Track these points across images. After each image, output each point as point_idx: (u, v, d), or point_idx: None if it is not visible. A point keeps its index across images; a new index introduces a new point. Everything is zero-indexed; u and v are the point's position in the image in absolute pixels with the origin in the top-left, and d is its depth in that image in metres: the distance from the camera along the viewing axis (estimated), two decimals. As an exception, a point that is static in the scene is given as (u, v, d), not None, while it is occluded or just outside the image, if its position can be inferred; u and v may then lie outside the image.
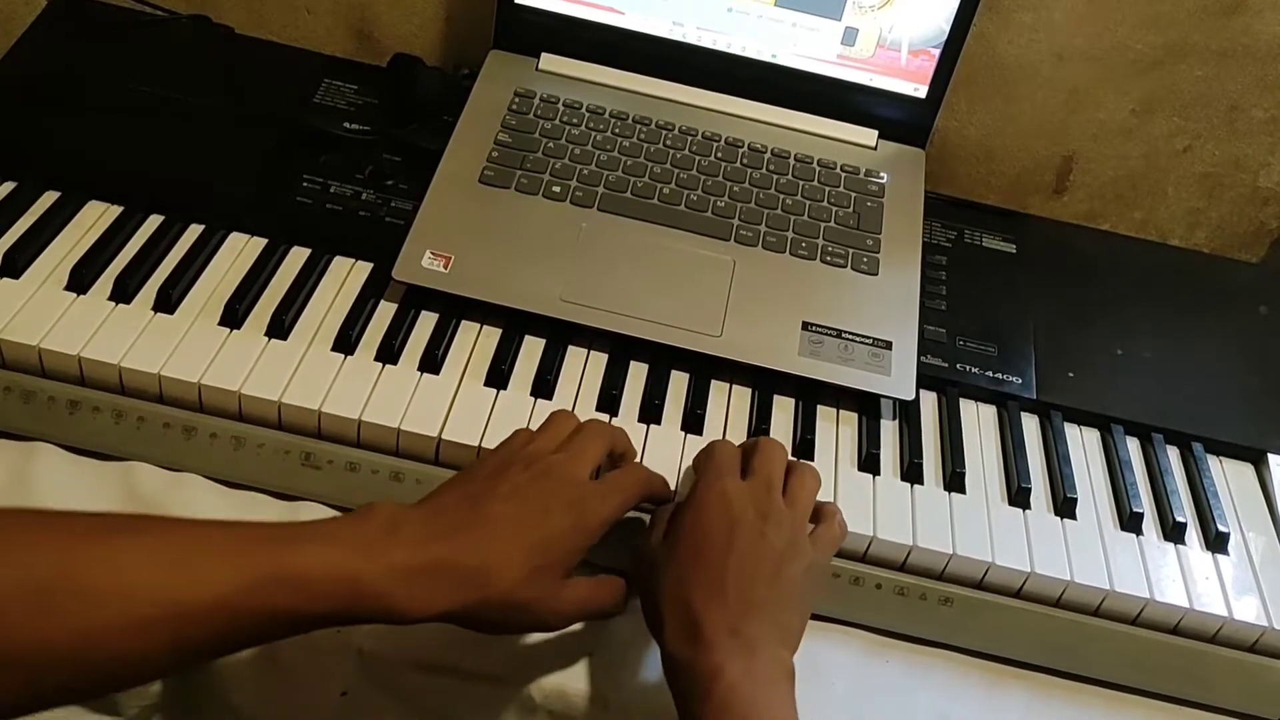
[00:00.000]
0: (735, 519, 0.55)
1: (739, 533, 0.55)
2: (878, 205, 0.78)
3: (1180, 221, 0.93)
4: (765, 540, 0.55)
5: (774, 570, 0.54)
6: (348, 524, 0.50)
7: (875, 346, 0.70)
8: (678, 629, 0.53)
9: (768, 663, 0.51)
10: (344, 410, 0.63)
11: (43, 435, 0.64)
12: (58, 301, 0.66)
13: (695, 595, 0.53)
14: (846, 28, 0.79)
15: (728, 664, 0.50)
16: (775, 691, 0.51)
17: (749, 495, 0.57)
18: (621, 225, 0.74)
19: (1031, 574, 0.63)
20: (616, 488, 0.57)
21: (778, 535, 0.55)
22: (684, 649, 0.52)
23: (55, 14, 0.84)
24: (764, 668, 0.51)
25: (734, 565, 0.54)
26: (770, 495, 0.57)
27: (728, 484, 0.57)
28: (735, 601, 0.52)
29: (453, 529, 0.51)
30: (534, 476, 0.54)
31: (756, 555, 0.54)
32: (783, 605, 0.54)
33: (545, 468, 0.55)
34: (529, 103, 0.80)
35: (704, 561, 0.54)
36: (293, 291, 0.69)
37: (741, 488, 0.57)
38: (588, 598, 0.56)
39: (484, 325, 0.70)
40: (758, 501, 0.56)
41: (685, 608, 0.53)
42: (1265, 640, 0.63)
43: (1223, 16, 0.81)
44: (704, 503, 0.56)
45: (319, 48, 0.89)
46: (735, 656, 0.50)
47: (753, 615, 0.52)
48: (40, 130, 0.75)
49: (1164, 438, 0.72)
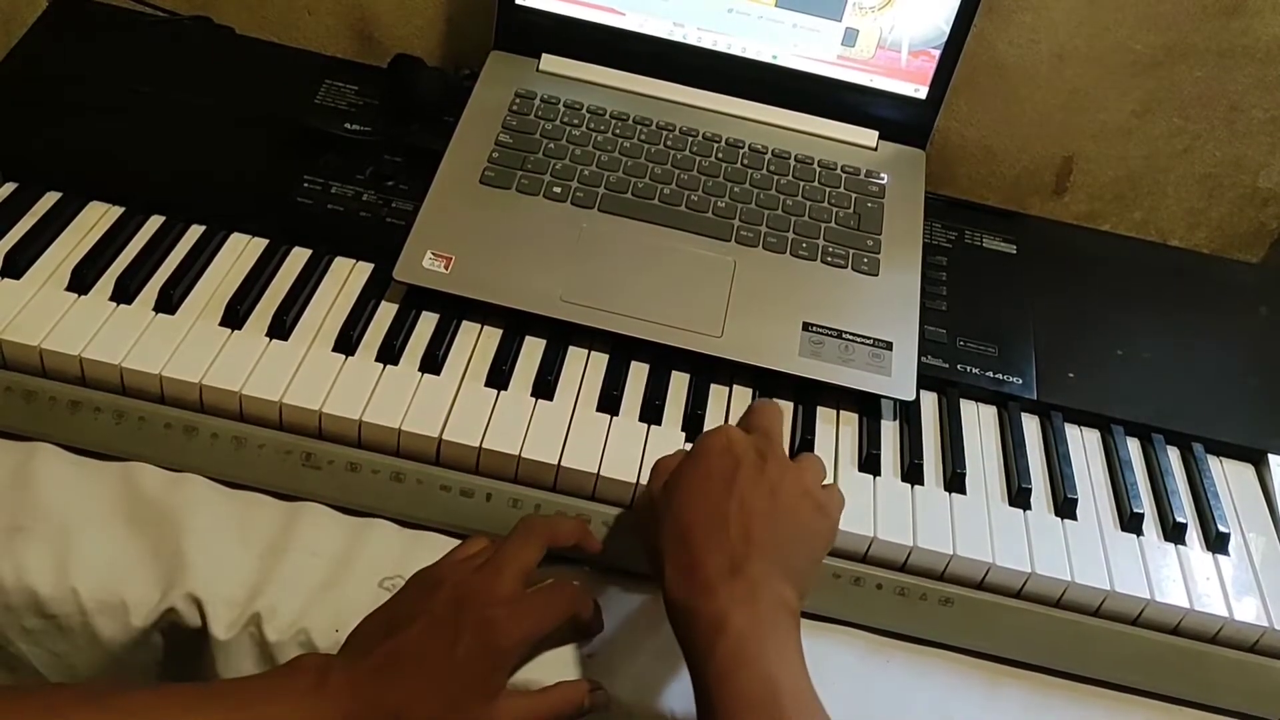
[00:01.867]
0: (738, 459, 0.55)
1: (741, 472, 0.54)
2: (878, 206, 0.78)
3: (1180, 222, 0.93)
4: (766, 478, 0.54)
5: (775, 508, 0.53)
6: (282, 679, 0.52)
7: (876, 347, 0.70)
8: (677, 571, 0.52)
9: (771, 605, 0.50)
10: (345, 411, 0.63)
11: (44, 435, 0.64)
12: (59, 302, 0.66)
13: (695, 535, 0.52)
14: (847, 28, 0.79)
15: (732, 611, 0.49)
16: (782, 639, 0.50)
17: (750, 441, 0.56)
18: (622, 226, 0.74)
19: (1032, 574, 0.63)
20: (534, 609, 0.55)
21: (780, 475, 0.54)
22: (685, 593, 0.51)
23: (57, 15, 0.84)
24: (768, 611, 0.50)
25: (735, 503, 0.53)
26: (771, 443, 0.56)
27: (730, 430, 0.57)
28: (737, 539, 0.52)
29: (373, 670, 0.52)
30: (449, 600, 0.54)
31: (758, 494, 0.53)
32: (786, 543, 0.53)
33: (463, 592, 0.54)
34: (530, 103, 0.80)
35: (705, 502, 0.53)
36: (294, 292, 0.69)
37: (743, 435, 0.57)
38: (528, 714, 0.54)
39: (485, 326, 0.70)
40: (759, 446, 0.56)
41: (685, 549, 0.52)
42: (1266, 640, 0.63)
43: (1223, 17, 0.81)
44: (706, 446, 0.56)
45: (320, 48, 0.89)
46: (738, 601, 0.50)
47: (754, 553, 0.51)
48: (42, 131, 0.75)
49: (1164, 438, 0.72)
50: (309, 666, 0.52)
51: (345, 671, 0.52)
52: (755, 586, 0.50)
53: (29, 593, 0.59)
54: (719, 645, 0.49)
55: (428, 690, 0.51)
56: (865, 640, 0.64)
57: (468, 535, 0.63)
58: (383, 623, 0.55)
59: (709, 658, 0.49)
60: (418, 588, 0.56)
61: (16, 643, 0.60)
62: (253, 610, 0.59)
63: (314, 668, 0.52)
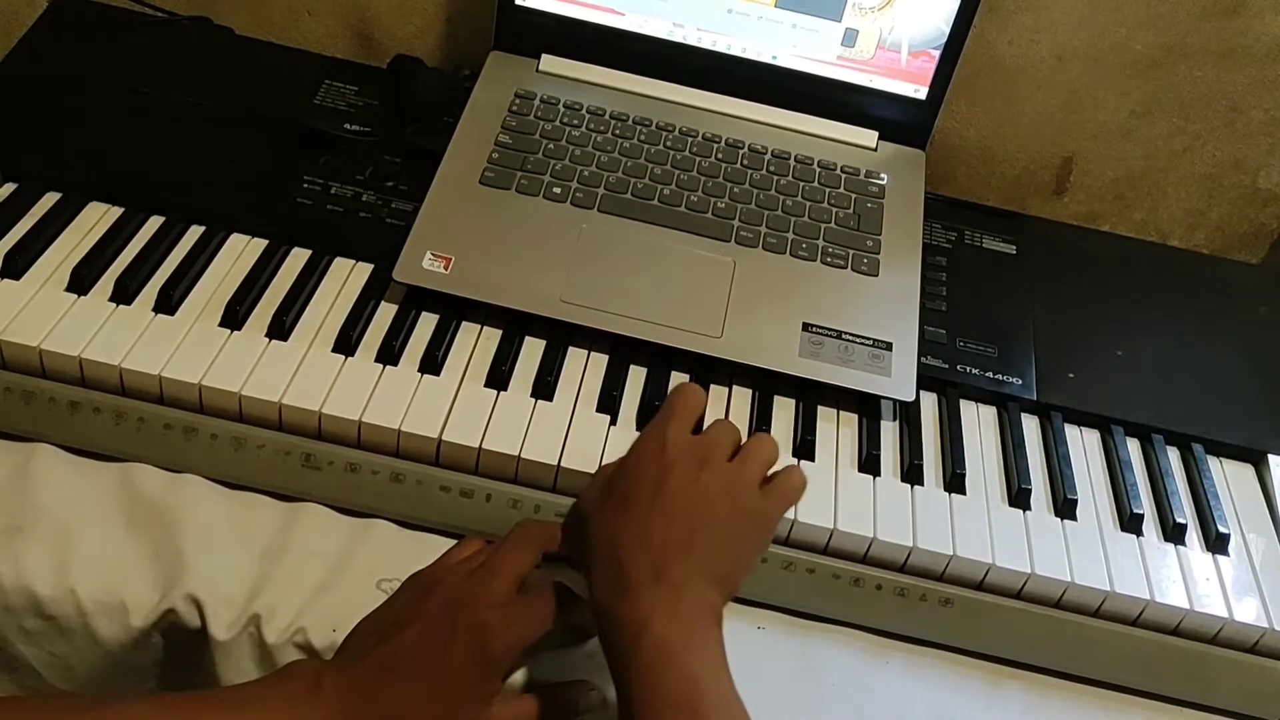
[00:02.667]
0: (669, 465, 0.54)
1: (671, 477, 0.53)
2: (878, 206, 0.78)
3: (1180, 222, 0.93)
4: (698, 485, 0.53)
5: (705, 514, 0.53)
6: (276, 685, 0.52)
7: (875, 347, 0.70)
8: (603, 577, 0.52)
9: (693, 606, 0.50)
10: (344, 411, 0.63)
11: (43, 436, 0.64)
12: (59, 302, 0.66)
13: (621, 541, 0.52)
14: (846, 29, 0.79)
15: (653, 615, 0.49)
16: (703, 640, 0.50)
17: (688, 445, 0.55)
18: (622, 226, 0.74)
19: (1032, 575, 0.63)
20: (528, 613, 0.54)
21: (713, 480, 0.54)
22: (609, 598, 0.51)
23: (56, 15, 0.84)
24: (690, 612, 0.50)
25: (660, 508, 0.52)
26: (712, 450, 0.55)
27: (669, 430, 0.55)
28: (660, 544, 0.51)
29: (367, 676, 0.52)
30: (443, 604, 0.54)
31: (686, 499, 0.53)
32: (713, 548, 0.52)
33: (457, 596, 0.54)
34: (529, 104, 0.80)
35: (632, 507, 0.53)
36: (293, 292, 0.69)
37: (682, 437, 0.55)
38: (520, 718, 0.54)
39: (484, 326, 0.70)
40: (696, 451, 0.55)
41: (611, 554, 0.52)
42: (1265, 641, 0.63)
43: (1222, 17, 0.81)
44: (639, 448, 0.55)
45: (320, 49, 0.89)
46: (660, 605, 0.49)
47: (677, 557, 0.51)
48: (41, 131, 0.75)
49: (1164, 438, 0.72)
50: (303, 672, 0.52)
51: (339, 677, 0.52)
52: (678, 590, 0.50)
53: (28, 593, 0.59)
54: (641, 647, 0.48)
55: (421, 695, 0.51)
56: (865, 641, 0.64)
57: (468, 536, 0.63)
58: (377, 627, 0.55)
59: (631, 660, 0.49)
60: (412, 591, 0.56)
61: (16, 644, 0.60)
62: (252, 611, 0.59)
63: (308, 673, 0.52)
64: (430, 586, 0.55)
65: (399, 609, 0.55)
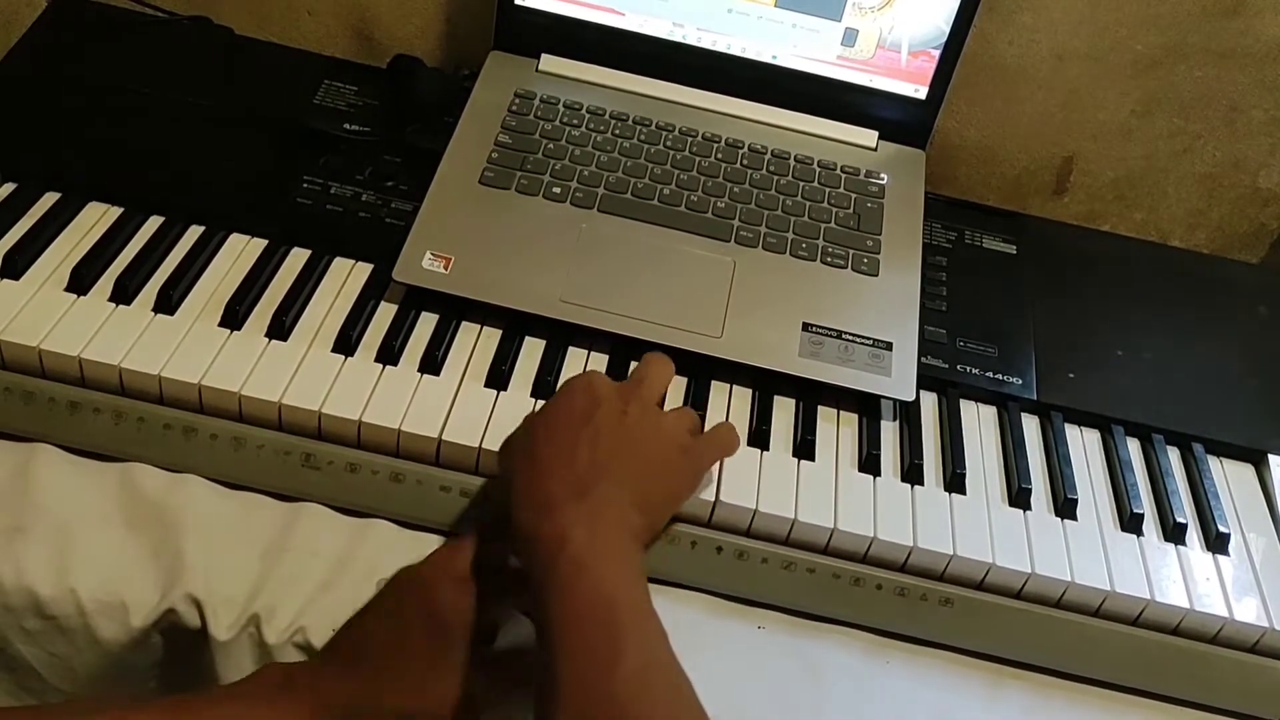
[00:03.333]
0: (598, 398, 0.54)
1: (599, 411, 0.54)
2: (878, 206, 0.78)
3: (1180, 222, 0.93)
4: (626, 416, 0.54)
5: (630, 441, 0.53)
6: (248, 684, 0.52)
7: (875, 347, 0.70)
8: (525, 500, 0.52)
9: (614, 524, 0.50)
10: (344, 411, 0.63)
11: (43, 436, 0.64)
12: (58, 302, 0.66)
13: (544, 463, 0.52)
14: (846, 29, 0.79)
15: (572, 530, 0.49)
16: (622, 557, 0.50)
17: (614, 386, 0.56)
18: (622, 226, 0.74)
19: (1032, 575, 0.63)
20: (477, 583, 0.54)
21: (641, 415, 0.54)
22: (529, 513, 0.51)
23: (56, 15, 0.84)
24: (610, 529, 0.50)
25: (587, 435, 0.53)
26: (639, 388, 0.56)
27: (594, 374, 0.57)
28: (585, 465, 0.51)
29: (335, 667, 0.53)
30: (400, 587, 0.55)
31: (613, 429, 0.53)
32: (638, 473, 0.53)
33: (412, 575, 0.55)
34: (529, 104, 0.80)
35: (559, 435, 0.53)
36: (293, 292, 0.69)
37: (609, 382, 0.56)
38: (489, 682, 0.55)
39: (484, 326, 0.70)
40: (623, 390, 0.55)
41: (533, 475, 0.52)
42: (1266, 641, 0.63)
43: (1223, 17, 0.81)
44: (568, 386, 0.56)
45: (319, 49, 0.89)
46: (579, 521, 0.49)
47: (601, 476, 0.51)
48: (41, 131, 0.75)
49: (1164, 438, 0.72)
50: (275, 671, 0.53)
51: (310, 672, 0.53)
52: (599, 507, 0.50)
53: (28, 593, 0.59)
54: (559, 560, 0.48)
55: (386, 678, 0.52)
56: (865, 641, 0.64)
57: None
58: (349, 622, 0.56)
59: (548, 575, 0.48)
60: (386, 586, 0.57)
61: (16, 644, 0.60)
62: (252, 611, 0.59)
63: (280, 672, 0.53)
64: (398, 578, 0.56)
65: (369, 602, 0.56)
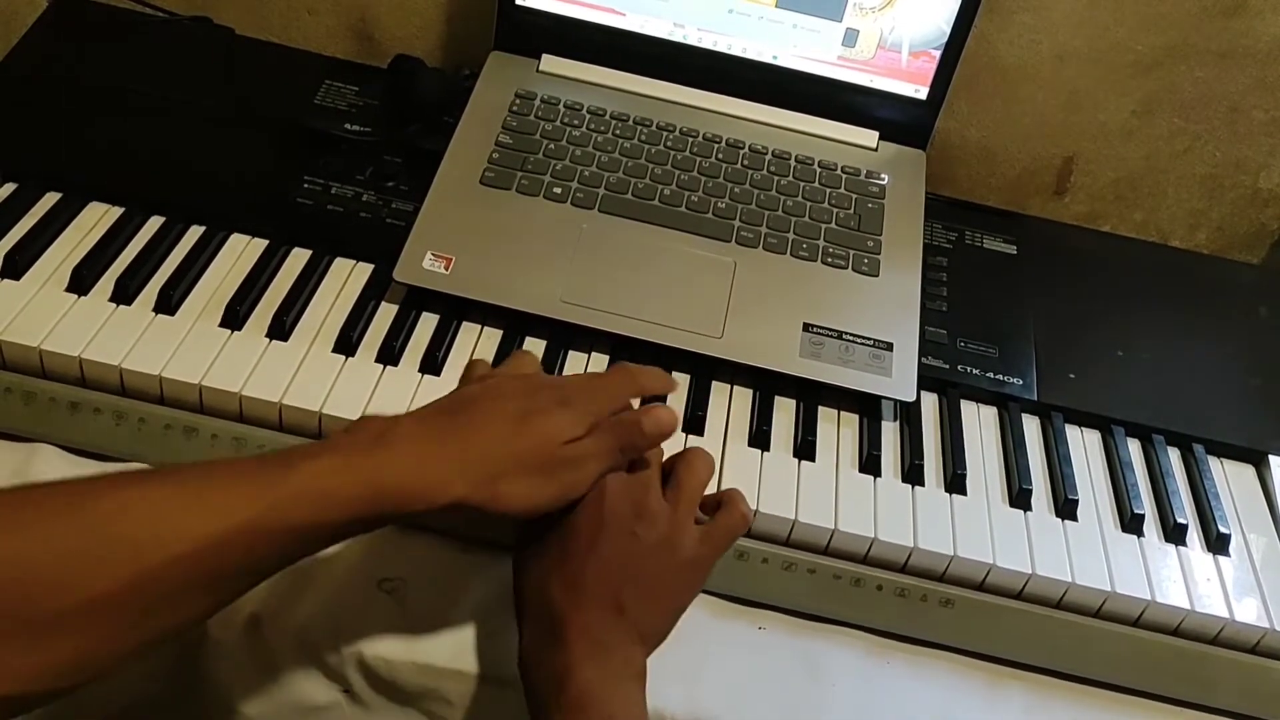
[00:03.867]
0: (605, 517, 0.53)
1: (606, 532, 0.53)
2: (878, 206, 0.78)
3: (1181, 223, 0.93)
4: (635, 539, 0.53)
5: (638, 569, 0.53)
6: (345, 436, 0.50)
7: (876, 348, 0.70)
8: (536, 627, 0.52)
9: (621, 665, 0.51)
10: (345, 412, 0.63)
11: (43, 436, 0.64)
12: (59, 303, 0.66)
13: (554, 594, 0.52)
14: (847, 29, 0.79)
15: (580, 665, 0.50)
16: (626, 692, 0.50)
17: (624, 490, 0.54)
18: (622, 226, 0.74)
19: (1032, 575, 0.63)
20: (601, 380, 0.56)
21: (649, 532, 0.53)
22: (539, 648, 0.51)
23: (56, 15, 0.84)
24: (617, 669, 0.50)
25: (596, 564, 0.52)
26: (647, 492, 0.55)
27: (609, 481, 0.55)
28: (593, 603, 0.52)
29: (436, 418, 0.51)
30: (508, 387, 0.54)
31: (621, 555, 0.53)
32: (645, 608, 0.53)
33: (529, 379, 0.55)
34: (530, 104, 0.80)
35: (567, 560, 0.53)
36: (294, 293, 0.69)
37: (618, 482, 0.55)
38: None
39: (485, 327, 0.70)
40: (633, 496, 0.54)
41: (545, 607, 0.52)
42: (1266, 642, 0.63)
43: (1223, 18, 0.81)
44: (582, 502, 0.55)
45: (320, 49, 0.89)
46: (589, 659, 0.50)
47: (610, 618, 0.51)
48: (41, 131, 0.75)
49: (1165, 439, 0.72)
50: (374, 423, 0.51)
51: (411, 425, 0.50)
52: (607, 649, 0.51)
53: (29, 594, 0.58)
54: (564, 693, 0.49)
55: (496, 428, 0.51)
56: (865, 641, 0.64)
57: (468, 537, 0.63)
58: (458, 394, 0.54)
59: (555, 702, 0.49)
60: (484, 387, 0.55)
61: (16, 644, 0.60)
62: (251, 611, 0.59)
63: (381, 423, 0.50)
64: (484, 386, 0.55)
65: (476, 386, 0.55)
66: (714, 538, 0.56)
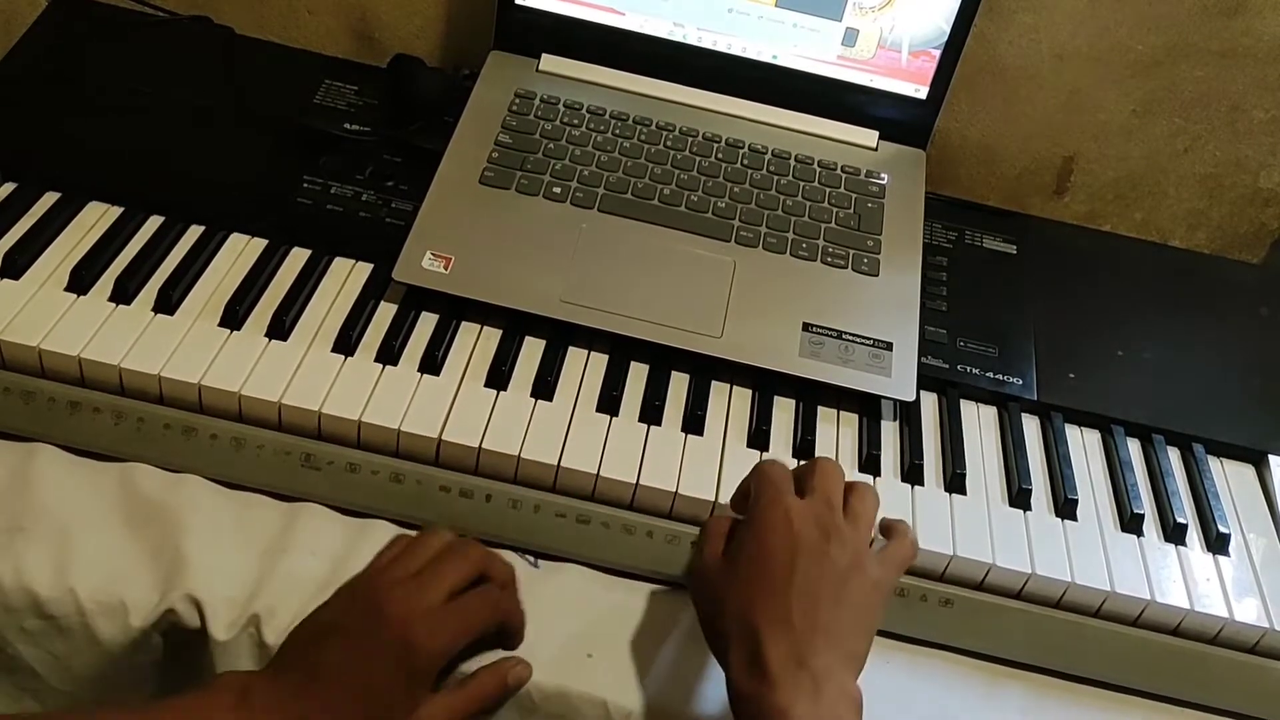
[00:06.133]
0: (797, 539, 0.54)
1: (801, 554, 0.53)
2: (878, 206, 0.78)
3: (1181, 222, 0.93)
4: (829, 560, 0.53)
5: (838, 592, 0.53)
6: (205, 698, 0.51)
7: (876, 347, 0.70)
8: (743, 659, 0.52)
9: (834, 698, 0.50)
10: (344, 411, 0.63)
11: (43, 436, 0.64)
12: (58, 302, 0.66)
13: (760, 623, 0.52)
14: (847, 28, 0.79)
15: (795, 704, 0.49)
16: None
17: (810, 513, 0.55)
18: (622, 226, 0.74)
19: (1032, 575, 0.63)
20: (454, 619, 0.55)
21: (841, 554, 0.54)
22: (750, 682, 0.51)
23: (57, 14, 0.84)
24: (831, 704, 0.50)
25: (798, 590, 0.52)
26: (832, 513, 0.55)
27: (789, 501, 0.55)
28: (801, 629, 0.51)
29: (294, 688, 0.52)
30: (370, 614, 0.54)
31: (820, 578, 0.53)
32: (848, 630, 0.53)
33: (381, 605, 0.54)
34: (529, 104, 0.80)
35: (768, 586, 0.53)
36: (293, 292, 0.69)
37: (802, 506, 0.55)
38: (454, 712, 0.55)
39: (484, 326, 0.70)
40: (820, 519, 0.55)
41: (751, 637, 0.52)
42: (1266, 641, 0.63)
43: (1223, 17, 0.81)
44: (765, 522, 0.55)
45: (320, 48, 0.89)
46: (802, 694, 0.49)
47: (818, 644, 0.51)
48: (41, 130, 0.75)
49: (1165, 439, 0.72)
50: (231, 684, 0.52)
51: (267, 689, 0.52)
52: (820, 679, 0.50)
53: (28, 593, 0.59)
54: None
55: (348, 707, 0.52)
56: (865, 641, 0.64)
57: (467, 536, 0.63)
58: (308, 635, 0.55)
59: None
60: (343, 598, 0.56)
61: (15, 644, 0.60)
62: (252, 611, 0.59)
63: (236, 686, 0.52)
64: (360, 594, 0.55)
65: (329, 617, 0.55)
66: (892, 561, 0.57)
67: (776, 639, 0.51)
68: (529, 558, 0.64)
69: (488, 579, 0.59)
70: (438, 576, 0.56)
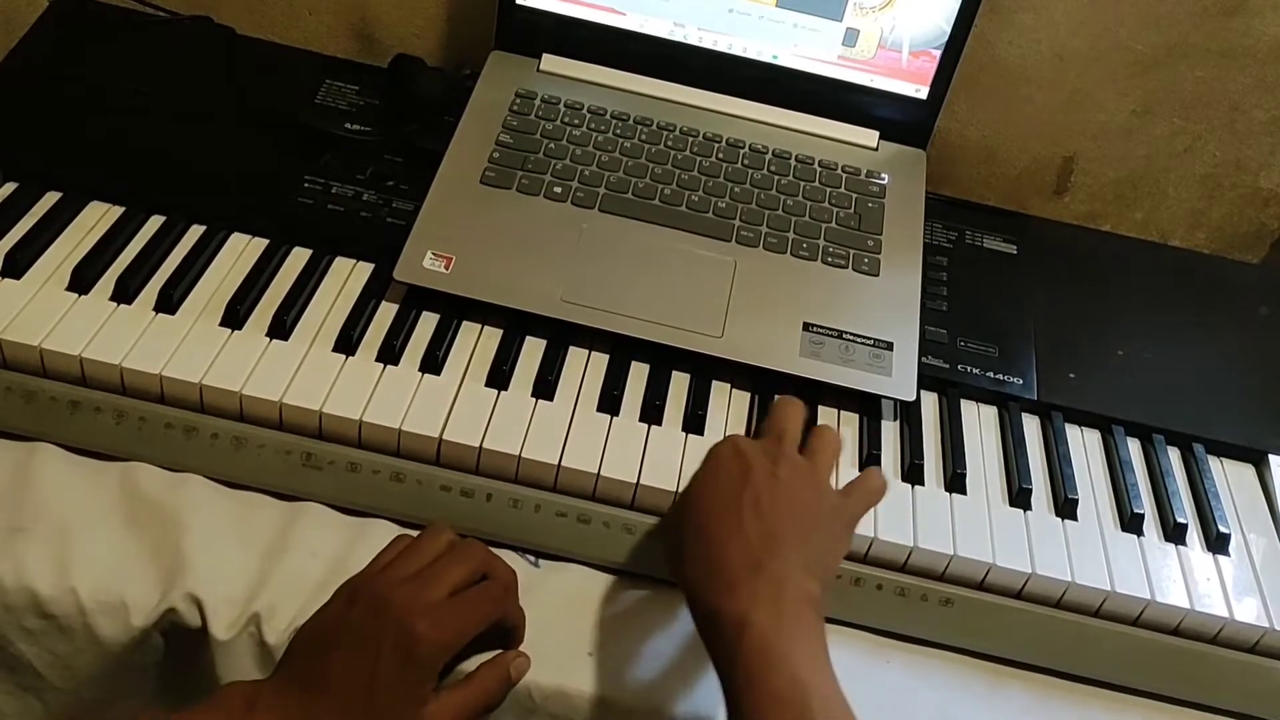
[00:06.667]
0: (747, 462, 0.56)
1: (754, 472, 0.55)
2: (879, 206, 0.78)
3: (1181, 222, 0.93)
4: (778, 480, 0.55)
5: (792, 505, 0.54)
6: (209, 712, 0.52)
7: (876, 347, 0.70)
8: (700, 574, 0.53)
9: (795, 600, 0.51)
10: (345, 411, 0.63)
11: (44, 435, 0.64)
12: (59, 302, 0.66)
13: (714, 536, 0.53)
14: (847, 29, 0.79)
15: (755, 609, 0.50)
16: (807, 636, 0.51)
17: (760, 445, 0.57)
18: (623, 226, 0.74)
19: (1032, 575, 0.63)
20: (455, 616, 0.55)
21: (792, 476, 0.56)
22: (708, 594, 0.52)
23: (57, 15, 0.84)
24: (792, 606, 0.50)
25: (749, 501, 0.54)
26: (781, 445, 0.57)
27: (738, 438, 0.58)
28: (755, 535, 0.52)
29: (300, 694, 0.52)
30: (372, 613, 0.54)
31: (772, 492, 0.55)
32: (805, 537, 0.54)
33: (384, 603, 0.54)
34: (530, 103, 0.80)
35: (720, 501, 0.55)
36: (294, 292, 0.69)
37: (752, 440, 0.58)
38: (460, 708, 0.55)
39: (485, 326, 0.70)
40: (768, 450, 0.57)
41: (704, 550, 0.53)
42: (1266, 641, 0.63)
43: (1223, 17, 0.81)
44: (716, 454, 0.57)
45: (320, 48, 0.89)
46: (761, 598, 0.50)
47: (774, 547, 0.52)
48: (42, 131, 0.75)
49: (1165, 438, 0.72)
50: (236, 694, 0.52)
51: (273, 698, 0.52)
52: (779, 582, 0.51)
53: (29, 593, 0.59)
54: (743, 645, 0.49)
55: (355, 710, 0.52)
56: (865, 641, 0.64)
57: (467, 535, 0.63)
58: (311, 641, 0.55)
59: (734, 659, 0.49)
60: (343, 601, 0.56)
61: (16, 643, 0.60)
62: (252, 610, 0.59)
63: (242, 697, 0.52)
64: (362, 594, 0.55)
65: (330, 620, 0.55)
66: (855, 492, 0.59)
67: (731, 547, 0.52)
68: (529, 557, 0.64)
69: (489, 578, 0.59)
70: (439, 574, 0.56)
